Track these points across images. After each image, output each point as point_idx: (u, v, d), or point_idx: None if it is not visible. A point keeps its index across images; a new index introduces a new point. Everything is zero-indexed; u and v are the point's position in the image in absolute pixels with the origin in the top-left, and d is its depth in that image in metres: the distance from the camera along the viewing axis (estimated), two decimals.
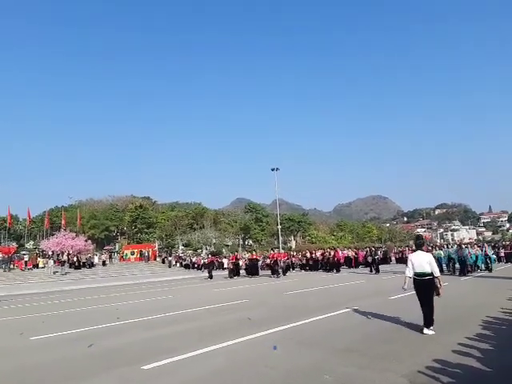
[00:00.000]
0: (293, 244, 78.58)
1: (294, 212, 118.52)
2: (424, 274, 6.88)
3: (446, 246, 23.17)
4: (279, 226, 53.96)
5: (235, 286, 19.07)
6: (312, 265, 28.91)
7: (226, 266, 31.72)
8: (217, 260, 36.62)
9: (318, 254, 29.84)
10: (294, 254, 33.93)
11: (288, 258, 29.09)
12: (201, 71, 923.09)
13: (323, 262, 28.06)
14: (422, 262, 6.91)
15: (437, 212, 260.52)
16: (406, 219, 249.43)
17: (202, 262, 37.68)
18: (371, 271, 23.98)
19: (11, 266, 33.58)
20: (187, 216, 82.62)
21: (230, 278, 25.21)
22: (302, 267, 30.29)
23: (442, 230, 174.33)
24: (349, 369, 4.91)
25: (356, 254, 30.25)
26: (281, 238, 57.54)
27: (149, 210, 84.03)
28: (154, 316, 10.28)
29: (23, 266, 34.29)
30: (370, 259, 25.16)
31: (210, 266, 27.88)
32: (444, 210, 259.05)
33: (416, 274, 6.98)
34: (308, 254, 30.81)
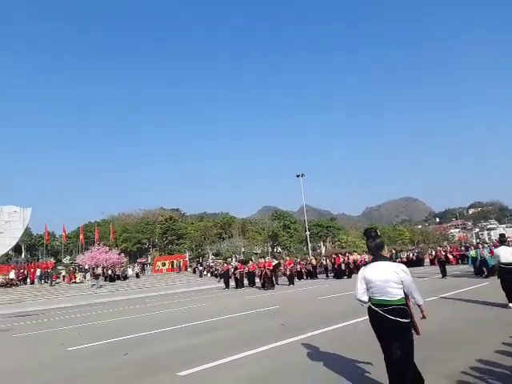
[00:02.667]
0: (322, 250, 77.63)
1: (322, 217, 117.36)
2: (387, 305, 3.58)
3: (481, 246, 21.80)
4: (307, 232, 53.53)
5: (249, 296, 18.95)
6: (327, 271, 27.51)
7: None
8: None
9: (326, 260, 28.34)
10: (299, 261, 31.35)
11: (294, 266, 26.64)
12: (223, 80, 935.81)
13: (333, 267, 26.32)
14: (383, 280, 3.61)
15: (470, 211, 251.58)
16: (438, 220, 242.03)
17: (219, 270, 36.03)
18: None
19: (54, 281, 34.73)
20: (215, 226, 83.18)
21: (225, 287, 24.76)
22: (309, 275, 28.09)
23: (477, 230, 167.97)
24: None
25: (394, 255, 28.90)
26: (310, 244, 57.00)
27: (178, 221, 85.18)
28: (187, 324, 10.35)
29: (69, 280, 35.46)
30: None
31: (225, 275, 26.82)
32: (478, 209, 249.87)
33: (374, 303, 3.71)
34: (313, 261, 28.65)
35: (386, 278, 3.57)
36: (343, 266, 25.13)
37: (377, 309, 3.62)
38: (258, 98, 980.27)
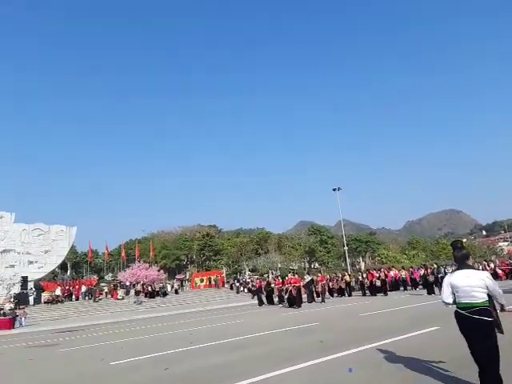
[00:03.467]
0: (362, 265, 75.64)
1: (361, 232, 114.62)
2: (472, 307, 4.02)
3: None
4: (345, 247, 52.40)
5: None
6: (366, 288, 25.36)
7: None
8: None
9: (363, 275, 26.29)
10: (330, 277, 29.04)
11: (325, 282, 25.52)
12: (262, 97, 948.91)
13: (371, 284, 24.63)
14: (469, 286, 4.08)
15: None
16: (484, 233, 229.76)
17: (251, 286, 35.63)
18: (429, 293, 20.61)
19: (97, 297, 35.87)
20: (252, 241, 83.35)
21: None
22: (340, 292, 26.47)
23: None
24: None
25: (411, 273, 26.65)
26: (348, 260, 55.74)
27: (215, 237, 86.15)
28: (226, 340, 10.34)
29: (117, 296, 36.54)
30: (431, 278, 21.62)
31: (259, 292, 26.31)
32: None
33: (460, 307, 4.17)
34: (347, 278, 27.03)
35: (471, 283, 4.07)
36: (378, 283, 24.00)
37: (463, 311, 4.12)
38: (294, 112, 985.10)
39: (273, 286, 25.31)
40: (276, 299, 24.81)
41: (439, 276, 21.20)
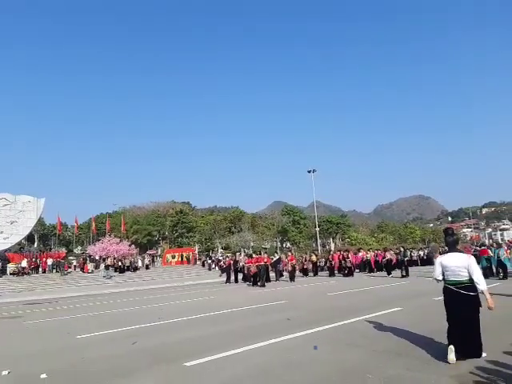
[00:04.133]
0: (332, 246, 77.38)
1: (333, 214, 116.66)
2: (459, 283, 4.90)
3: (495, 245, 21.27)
4: (317, 228, 53.38)
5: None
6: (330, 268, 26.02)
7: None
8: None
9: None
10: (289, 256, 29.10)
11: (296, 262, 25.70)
12: (235, 77, 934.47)
13: (330, 265, 25.86)
14: (456, 266, 4.94)
15: (484, 211, 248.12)
16: (450, 219, 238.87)
17: (221, 264, 33.64)
18: (389, 274, 22.25)
19: (65, 270, 35.22)
20: (225, 220, 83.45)
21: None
22: (303, 272, 26.98)
23: (490, 230, 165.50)
24: (394, 370, 4.72)
25: (376, 255, 27.20)
26: (319, 241, 56.87)
27: (189, 214, 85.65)
28: (195, 316, 10.42)
29: (88, 269, 35.98)
30: (385, 261, 23.59)
31: (227, 269, 26.08)
32: (492, 209, 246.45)
33: (448, 283, 5.06)
34: (314, 258, 27.65)
35: (459, 264, 4.92)
36: (348, 263, 24.62)
37: (451, 286, 5.00)
38: (269, 95, 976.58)
39: (241, 264, 25.36)
40: (240, 277, 24.97)
41: (405, 259, 21.91)
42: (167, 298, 17.15)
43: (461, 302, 4.85)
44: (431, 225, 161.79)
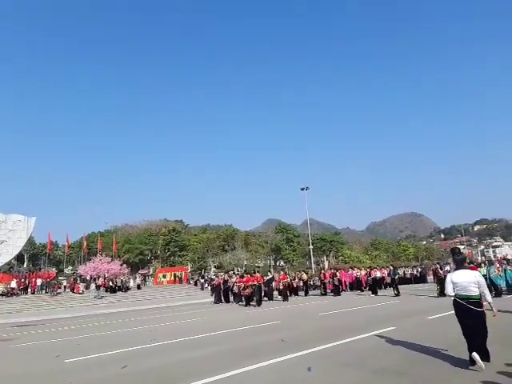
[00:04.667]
0: (326, 264, 77.12)
1: (326, 232, 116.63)
2: (468, 298, 5.46)
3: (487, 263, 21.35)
4: (311, 246, 53.26)
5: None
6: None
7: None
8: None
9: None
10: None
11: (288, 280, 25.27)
12: (225, 96, 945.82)
13: (321, 284, 25.68)
14: (467, 282, 5.50)
15: (476, 228, 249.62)
16: (443, 236, 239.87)
17: (212, 283, 31.68)
18: (374, 293, 22.09)
19: (55, 291, 34.51)
20: (218, 238, 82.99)
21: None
22: (293, 291, 26.14)
23: (482, 247, 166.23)
24: None
25: (368, 274, 25.87)
26: (313, 259, 56.68)
27: (181, 233, 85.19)
28: (187, 338, 10.23)
29: (80, 289, 35.33)
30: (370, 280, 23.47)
31: (217, 289, 25.66)
32: (484, 226, 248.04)
33: (459, 297, 5.58)
34: (304, 276, 27.32)
35: (468, 280, 5.48)
36: (336, 282, 24.34)
37: (461, 301, 5.52)
38: (262, 110, 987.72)
39: (230, 283, 24.75)
40: (231, 297, 24.52)
41: (395, 277, 21.88)
42: (159, 319, 16.86)
43: (471, 315, 5.42)
44: (424, 242, 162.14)
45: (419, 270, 37.07)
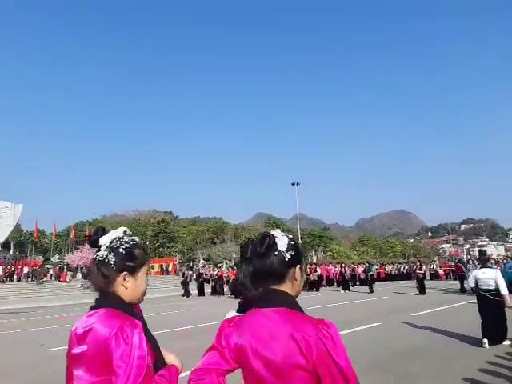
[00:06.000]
0: (314, 259, 77.67)
1: (315, 227, 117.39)
2: (489, 291, 6.90)
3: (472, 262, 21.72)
4: (300, 241, 53.54)
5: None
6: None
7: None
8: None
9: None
10: None
11: None
12: (230, 91, 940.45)
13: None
14: (488, 278, 6.93)
15: (463, 227, 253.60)
16: (430, 234, 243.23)
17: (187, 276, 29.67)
18: (344, 289, 22.68)
19: (41, 279, 34.26)
20: (208, 230, 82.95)
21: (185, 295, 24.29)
22: None
23: (468, 246, 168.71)
24: None
25: (344, 270, 25.36)
26: None
27: (170, 224, 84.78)
28: (176, 329, 10.28)
29: (66, 278, 35.08)
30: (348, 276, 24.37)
31: (186, 282, 25.44)
32: (470, 225, 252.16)
33: (481, 291, 7.03)
34: None
35: (488, 276, 6.94)
36: (314, 277, 24.49)
37: (484, 293, 6.94)
38: (255, 102, 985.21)
39: (205, 276, 25.79)
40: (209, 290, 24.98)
41: (369, 274, 22.44)
42: (148, 310, 16.82)
43: (490, 303, 6.80)
44: (411, 240, 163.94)
45: (405, 267, 37.56)
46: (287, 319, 1.25)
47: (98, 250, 1.52)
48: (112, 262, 1.47)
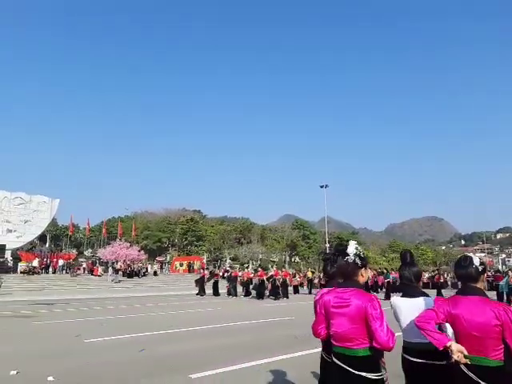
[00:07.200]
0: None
1: (343, 230, 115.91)
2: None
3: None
4: (327, 244, 52.93)
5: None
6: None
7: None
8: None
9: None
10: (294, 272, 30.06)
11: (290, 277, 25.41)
12: (248, 91, 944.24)
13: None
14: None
15: (498, 236, 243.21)
16: (463, 242, 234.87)
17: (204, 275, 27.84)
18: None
19: (75, 272, 35.55)
20: (235, 230, 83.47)
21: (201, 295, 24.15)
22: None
23: (504, 256, 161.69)
24: None
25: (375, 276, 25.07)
26: None
27: (199, 223, 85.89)
28: (203, 327, 10.42)
29: (98, 271, 36.26)
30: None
31: (201, 281, 25.06)
32: (507, 235, 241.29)
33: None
34: (309, 274, 27.50)
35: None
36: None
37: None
38: (286, 102, 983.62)
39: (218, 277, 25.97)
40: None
41: (386, 280, 22.37)
42: (175, 307, 17.14)
43: None
44: (443, 247, 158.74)
45: (426, 275, 36.56)
46: (484, 301, 2.45)
47: (346, 255, 2.64)
48: (359, 262, 2.60)
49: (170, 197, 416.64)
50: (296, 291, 25.85)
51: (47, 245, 73.22)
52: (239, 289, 24.78)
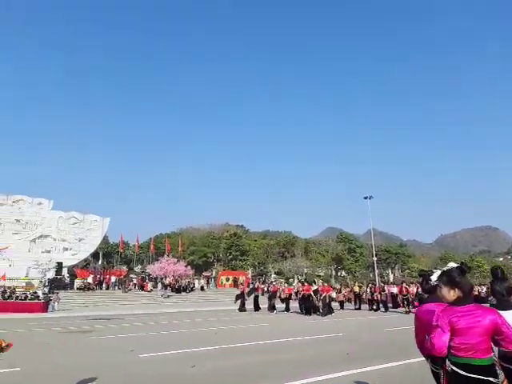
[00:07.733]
0: (390, 277, 74.01)
1: (391, 243, 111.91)
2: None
3: None
4: (374, 258, 51.50)
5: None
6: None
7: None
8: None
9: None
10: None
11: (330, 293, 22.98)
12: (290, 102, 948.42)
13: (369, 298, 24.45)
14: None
15: None
16: None
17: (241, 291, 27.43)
18: (385, 310, 22.54)
19: (126, 287, 36.96)
20: (278, 244, 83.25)
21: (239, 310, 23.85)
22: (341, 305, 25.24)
23: None
24: None
25: (401, 290, 23.35)
26: (377, 271, 54.68)
27: (242, 237, 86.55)
28: (250, 343, 10.47)
29: (148, 287, 37.57)
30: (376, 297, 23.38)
31: (242, 297, 24.71)
32: None
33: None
34: (356, 288, 26.10)
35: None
36: (377, 297, 23.73)
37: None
38: (325, 121, 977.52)
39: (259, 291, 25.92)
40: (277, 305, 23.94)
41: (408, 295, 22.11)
42: (222, 322, 17.32)
43: None
44: (501, 259, 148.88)
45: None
46: None
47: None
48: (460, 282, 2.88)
49: (212, 212, 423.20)
50: (341, 307, 25.22)
51: (100, 262, 76.77)
52: (278, 304, 24.54)
